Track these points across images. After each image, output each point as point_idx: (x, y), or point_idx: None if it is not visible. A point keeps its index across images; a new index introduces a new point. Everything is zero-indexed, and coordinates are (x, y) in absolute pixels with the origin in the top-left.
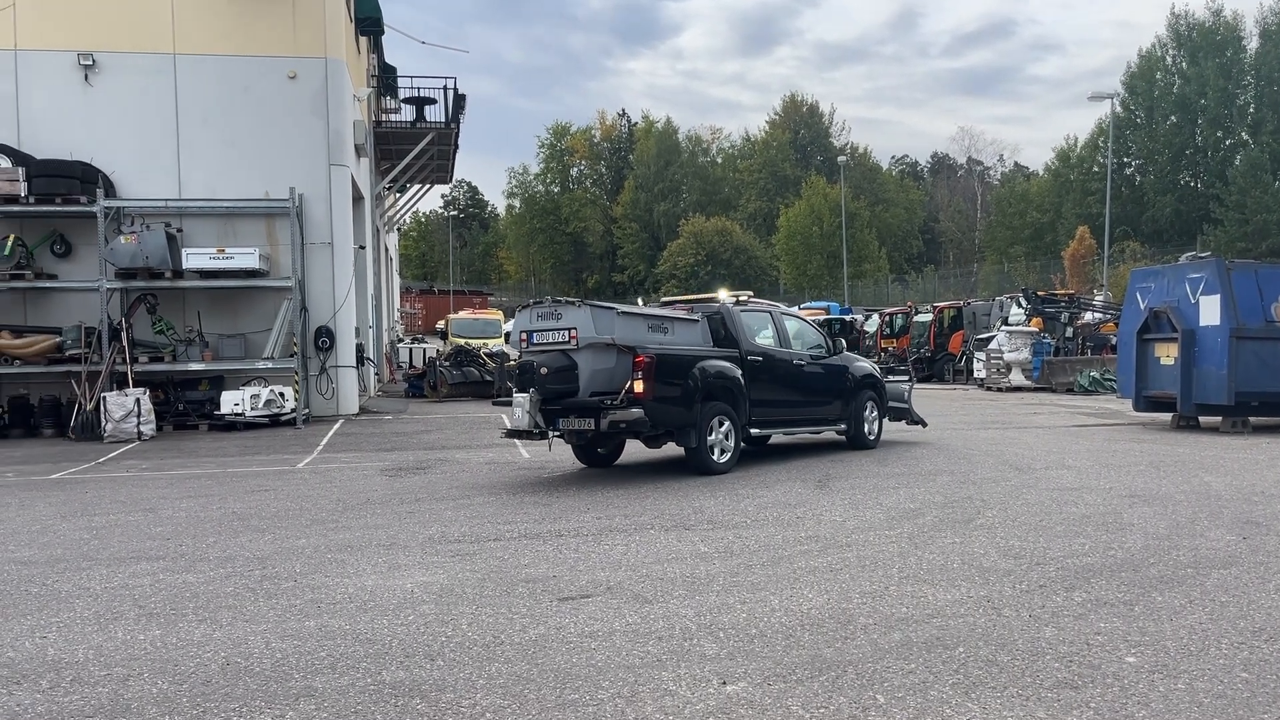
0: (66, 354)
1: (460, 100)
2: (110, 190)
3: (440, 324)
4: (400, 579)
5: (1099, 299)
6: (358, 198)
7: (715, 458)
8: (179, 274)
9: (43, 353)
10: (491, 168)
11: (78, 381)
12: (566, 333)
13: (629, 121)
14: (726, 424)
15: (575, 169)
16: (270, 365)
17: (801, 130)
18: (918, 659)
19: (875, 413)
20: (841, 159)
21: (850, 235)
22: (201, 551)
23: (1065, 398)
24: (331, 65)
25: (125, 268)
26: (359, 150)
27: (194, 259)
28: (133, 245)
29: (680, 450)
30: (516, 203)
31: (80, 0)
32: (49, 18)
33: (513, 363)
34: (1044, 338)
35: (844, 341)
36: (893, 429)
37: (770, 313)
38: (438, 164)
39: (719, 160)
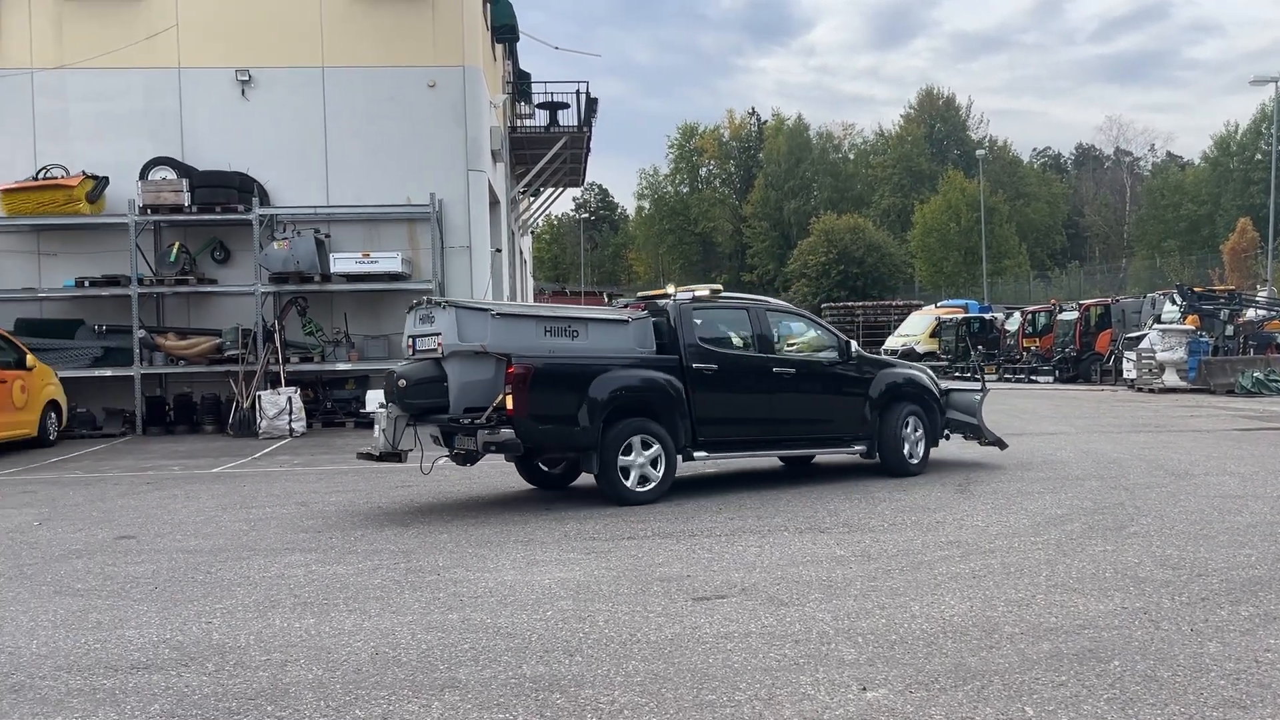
0: (225, 354)
1: (592, 104)
2: (264, 199)
3: None
4: (538, 575)
5: (1263, 295)
6: (494, 202)
7: (630, 485)
8: (327, 278)
9: (204, 353)
10: (622, 170)
11: (235, 380)
12: (435, 339)
13: (758, 120)
14: (653, 447)
15: (704, 169)
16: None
17: (937, 124)
18: (1069, 671)
19: (920, 431)
20: (980, 152)
21: (989, 231)
22: (350, 544)
23: (1225, 400)
24: (469, 73)
25: (278, 272)
26: (495, 155)
27: (341, 263)
28: (285, 251)
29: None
30: (646, 204)
31: (237, 20)
32: (209, 37)
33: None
34: (1201, 336)
35: (854, 344)
36: (1029, 439)
37: (748, 310)
38: (570, 167)
39: (851, 156)
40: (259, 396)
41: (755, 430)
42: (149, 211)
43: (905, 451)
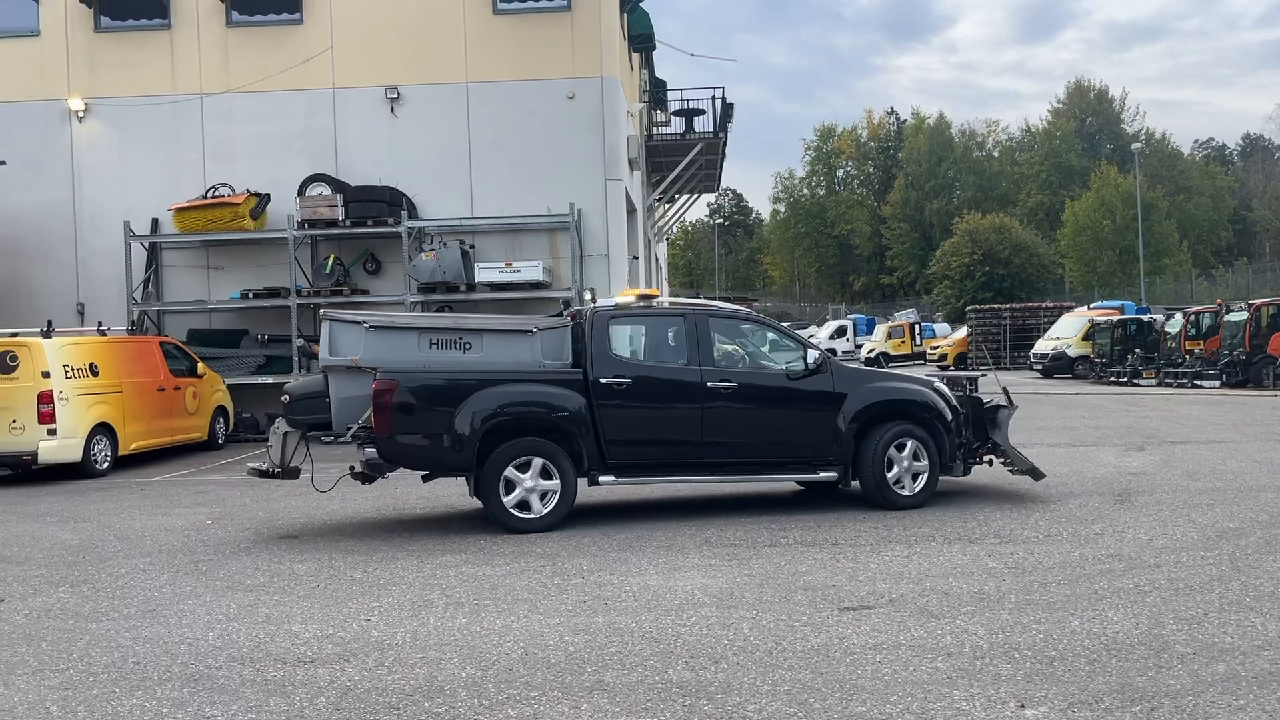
0: None
1: (728, 109)
2: (413, 211)
3: None
4: (681, 580)
5: None
6: (631, 210)
7: (516, 511)
8: (472, 287)
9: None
10: (756, 174)
11: None
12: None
13: (898, 119)
14: (544, 469)
15: (841, 170)
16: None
17: (1089, 118)
18: (1248, 695)
19: (919, 456)
20: (1135, 146)
21: (1146, 228)
22: (497, 546)
23: None
24: (607, 84)
25: (426, 282)
26: (632, 164)
27: (485, 273)
28: (432, 262)
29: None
30: (781, 207)
31: (387, 40)
32: (361, 58)
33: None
34: None
35: (824, 354)
36: (1194, 448)
37: (684, 318)
38: (705, 173)
39: (995, 154)
40: None
41: (681, 452)
42: (306, 226)
43: (892, 479)
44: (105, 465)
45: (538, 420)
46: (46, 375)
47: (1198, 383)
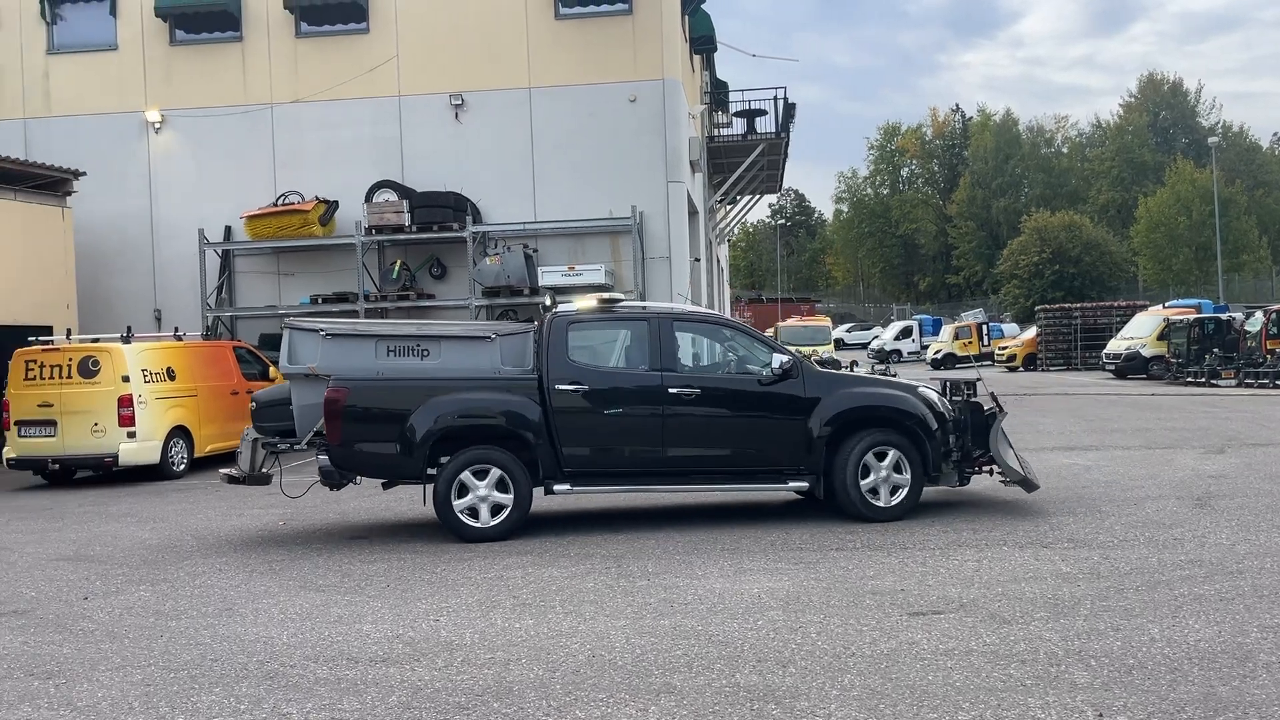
0: None
1: (790, 109)
2: (477, 216)
3: (769, 332)
4: (747, 583)
5: None
6: (692, 212)
7: (468, 520)
8: (535, 291)
9: None
10: (819, 174)
11: None
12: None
13: (963, 116)
14: (497, 478)
15: (906, 169)
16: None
17: (1162, 111)
18: None
19: (899, 466)
20: (1212, 140)
21: (1224, 224)
22: (563, 548)
23: None
24: (669, 86)
25: (490, 286)
26: (693, 166)
27: (548, 276)
28: (496, 266)
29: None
30: (844, 207)
31: (451, 47)
32: (425, 66)
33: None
34: None
35: (795, 358)
36: (1277, 450)
37: (648, 323)
38: (767, 174)
39: (1064, 150)
40: None
41: (640, 460)
42: (373, 232)
43: (866, 489)
44: (182, 467)
45: (489, 428)
46: (126, 380)
47: (1279, 383)
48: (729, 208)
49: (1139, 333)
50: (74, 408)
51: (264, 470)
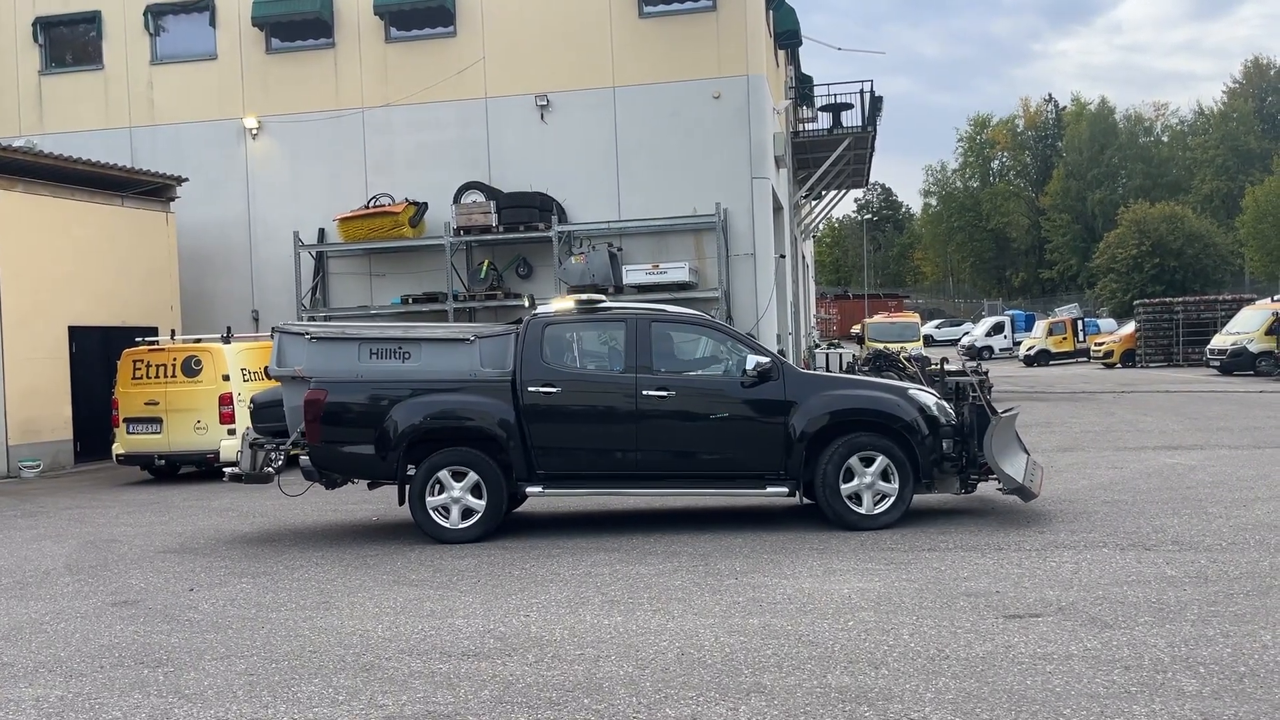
0: None
1: (877, 102)
2: (562, 216)
3: (855, 328)
4: (836, 583)
5: None
6: (777, 208)
7: (441, 520)
8: (620, 289)
9: None
10: (907, 168)
11: None
12: None
13: (1056, 106)
14: (470, 479)
15: (997, 161)
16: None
17: (1269, 97)
18: None
19: (887, 472)
20: None
21: None
22: (650, 545)
23: None
24: (753, 82)
25: (575, 285)
26: (778, 162)
27: (632, 275)
28: (581, 265)
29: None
30: (933, 201)
31: (536, 48)
32: (511, 67)
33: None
34: None
35: (776, 360)
36: None
37: (626, 323)
38: (853, 169)
39: (1165, 139)
40: None
41: (613, 462)
42: (461, 233)
43: (849, 495)
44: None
45: (463, 430)
46: (227, 379)
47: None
48: (814, 203)
49: (1245, 327)
50: (178, 406)
51: (264, 469)
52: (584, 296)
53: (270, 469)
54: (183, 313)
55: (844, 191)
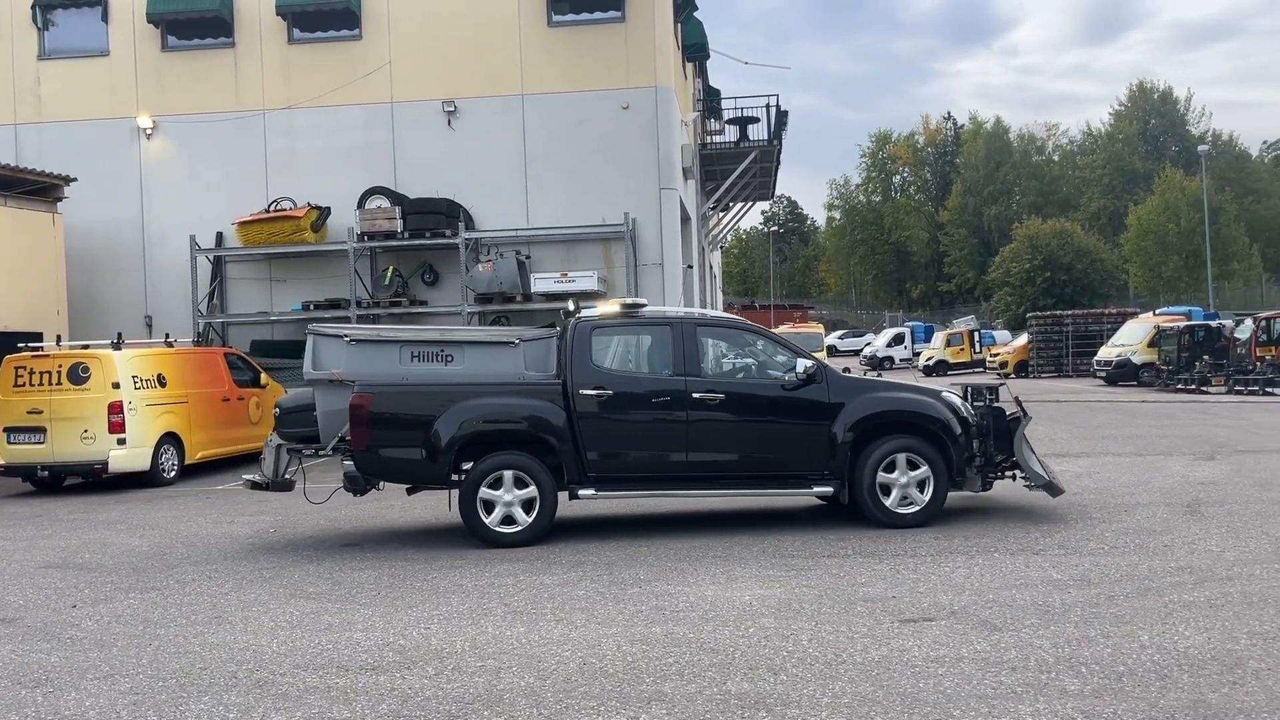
0: None
1: (782, 117)
2: (469, 223)
3: None
4: (738, 590)
5: None
6: (685, 219)
7: (493, 524)
8: (528, 297)
9: None
10: (812, 181)
11: None
12: None
13: (955, 124)
14: (525, 483)
15: (898, 176)
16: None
17: (1152, 119)
18: None
19: (920, 472)
20: (1201, 148)
21: (1214, 232)
22: (555, 555)
23: None
24: (661, 94)
25: (483, 293)
26: (686, 173)
27: (540, 283)
28: (489, 272)
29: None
30: (837, 215)
31: (444, 54)
32: (418, 72)
33: None
34: None
35: (819, 363)
36: (1266, 457)
37: (671, 327)
38: (759, 181)
39: (1056, 158)
40: None
41: (665, 464)
42: (366, 238)
43: (889, 496)
44: (172, 474)
45: (514, 433)
46: (117, 386)
47: (1270, 390)
48: (722, 215)
49: (1130, 340)
50: (64, 414)
51: (287, 476)
52: (628, 301)
53: (290, 475)
54: (71, 317)
55: (751, 203)
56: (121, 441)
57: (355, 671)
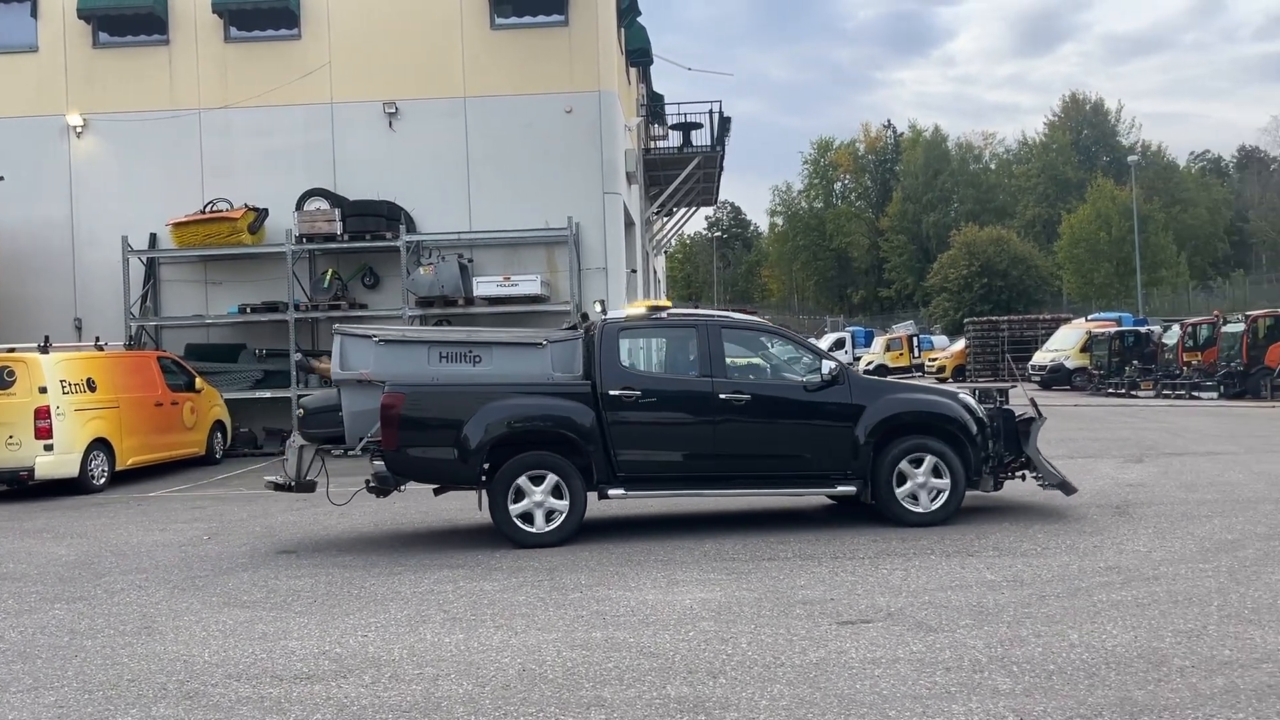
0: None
1: (725, 123)
2: (411, 226)
3: None
4: (679, 594)
5: None
6: (629, 223)
7: (523, 525)
8: (470, 301)
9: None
10: (755, 187)
11: None
12: None
13: (895, 132)
14: (552, 482)
15: (839, 183)
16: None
17: (1084, 130)
18: (1247, 708)
19: (944, 474)
20: (1131, 158)
21: (1143, 240)
22: (496, 561)
23: None
24: (605, 98)
25: (424, 296)
26: (630, 178)
27: (483, 287)
28: (430, 275)
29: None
30: (779, 221)
31: (385, 55)
32: (359, 73)
33: None
34: None
35: (841, 365)
36: (1192, 459)
37: (696, 329)
38: (703, 186)
39: (992, 167)
40: None
41: (692, 465)
42: (304, 240)
43: (906, 495)
44: (102, 481)
45: (545, 433)
46: (44, 391)
47: (1195, 394)
48: (665, 220)
49: (1063, 345)
50: None
51: (310, 477)
52: (652, 303)
53: (313, 477)
54: None
55: (694, 209)
56: (49, 448)
57: (290, 681)
